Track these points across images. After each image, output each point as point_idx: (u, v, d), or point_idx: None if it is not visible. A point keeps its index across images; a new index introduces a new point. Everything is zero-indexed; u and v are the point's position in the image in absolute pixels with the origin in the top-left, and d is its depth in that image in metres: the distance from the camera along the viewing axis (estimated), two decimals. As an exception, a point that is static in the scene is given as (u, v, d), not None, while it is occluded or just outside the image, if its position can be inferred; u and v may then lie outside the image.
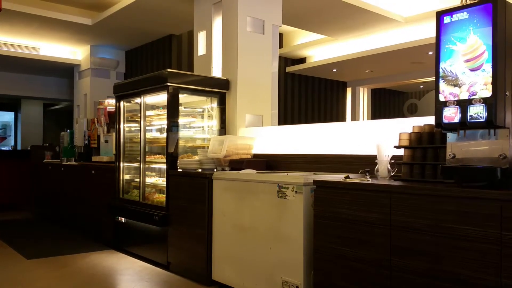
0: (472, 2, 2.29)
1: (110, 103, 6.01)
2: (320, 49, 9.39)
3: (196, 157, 4.20)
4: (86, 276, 3.98)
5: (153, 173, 4.86)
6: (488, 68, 2.01)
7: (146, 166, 4.69)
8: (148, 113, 4.74)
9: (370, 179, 2.64)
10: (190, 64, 6.29)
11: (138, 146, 4.73)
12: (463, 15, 2.11)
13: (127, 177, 5.06)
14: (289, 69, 9.86)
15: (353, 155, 3.32)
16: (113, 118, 5.54)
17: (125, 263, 4.44)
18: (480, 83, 2.04)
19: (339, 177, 2.79)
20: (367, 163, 2.95)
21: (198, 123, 4.72)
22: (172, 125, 4.20)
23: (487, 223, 1.95)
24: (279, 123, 5.51)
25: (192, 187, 3.85)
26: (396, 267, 2.30)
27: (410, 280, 2.24)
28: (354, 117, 11.21)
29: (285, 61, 9.72)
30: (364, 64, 9.27)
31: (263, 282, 3.12)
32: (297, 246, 2.85)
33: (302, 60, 9.99)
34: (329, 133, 3.67)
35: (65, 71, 9.25)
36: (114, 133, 5.32)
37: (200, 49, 5.06)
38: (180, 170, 4.12)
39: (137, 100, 4.78)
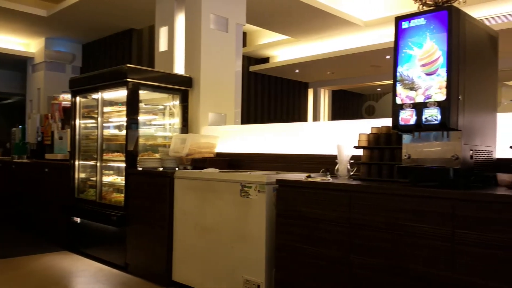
0: (429, 9, 2.39)
1: (65, 98, 5.80)
2: (283, 50, 9.47)
3: (157, 156, 4.13)
4: (39, 279, 3.82)
5: (111, 172, 4.73)
6: (443, 72, 2.10)
7: (104, 164, 4.57)
8: (106, 109, 4.60)
9: (330, 179, 2.70)
10: (151, 60, 6.17)
11: (95, 143, 4.59)
12: (421, 21, 2.19)
13: (82, 175, 4.89)
14: (252, 68, 9.89)
15: (314, 155, 3.38)
16: (68, 114, 5.35)
17: (81, 265, 4.29)
18: (435, 87, 2.13)
19: (301, 176, 2.83)
20: (328, 162, 3.01)
21: (159, 121, 4.64)
22: (132, 122, 4.11)
23: (441, 221, 2.04)
24: (242, 122, 5.51)
25: (152, 186, 3.78)
26: (355, 264, 2.36)
27: (369, 277, 2.30)
28: (316, 118, 11.41)
29: (249, 60, 9.74)
30: (326, 66, 9.45)
31: (224, 282, 3.11)
32: (259, 245, 2.87)
33: (265, 60, 10.05)
34: (291, 133, 3.71)
35: (17, 64, 8.82)
36: (69, 130, 5.14)
37: (162, 45, 4.98)
38: (140, 168, 4.03)
39: (95, 95, 4.63)
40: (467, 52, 2.15)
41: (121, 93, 4.28)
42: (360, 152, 2.78)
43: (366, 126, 2.87)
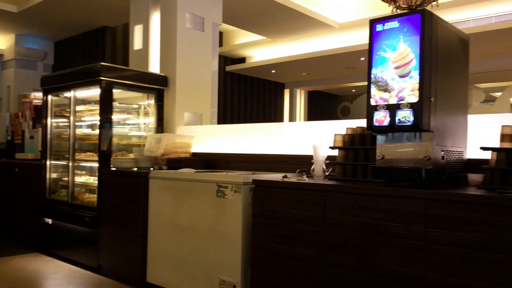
0: (402, 12, 2.44)
1: (36, 96, 5.64)
2: (259, 50, 9.50)
3: (131, 155, 4.07)
4: (9, 281, 3.70)
5: (84, 172, 4.63)
6: (415, 75, 2.15)
7: (76, 164, 4.47)
8: (79, 108, 4.51)
9: (306, 179, 2.72)
10: (125, 59, 6.06)
11: (67, 143, 4.48)
12: (394, 24, 2.23)
13: (54, 175, 4.77)
14: (229, 68, 9.87)
15: (290, 155, 3.40)
16: (39, 113, 5.20)
17: (52, 267, 4.19)
18: (408, 89, 2.17)
19: (277, 176, 2.84)
20: (304, 163, 3.03)
21: (134, 120, 4.58)
22: (105, 122, 4.04)
23: (413, 220, 2.09)
24: (219, 122, 5.49)
25: (126, 187, 3.72)
26: (331, 263, 2.38)
27: (344, 275, 2.33)
28: (292, 118, 11.48)
29: (225, 60, 9.71)
30: (301, 66, 9.53)
31: (200, 283, 3.09)
32: (235, 245, 2.86)
33: (242, 60, 10.05)
34: (268, 133, 3.72)
35: (-15, 61, 8.52)
36: (40, 129, 5.00)
37: (137, 43, 4.90)
38: (113, 168, 3.96)
39: (67, 94, 4.53)
40: (439, 55, 2.20)
41: (94, 92, 4.20)
42: (335, 152, 2.82)
43: (341, 126, 2.90)
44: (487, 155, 2.27)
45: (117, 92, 4.20)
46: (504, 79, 10.08)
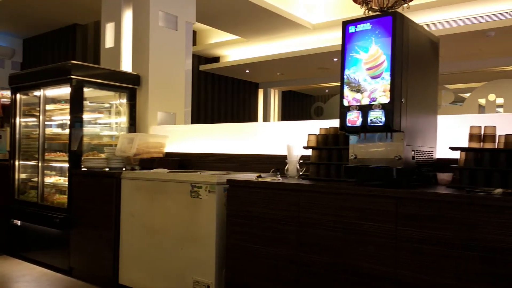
0: (374, 14, 2.48)
1: (4, 95, 5.46)
2: (233, 50, 9.48)
3: (103, 156, 3.99)
4: (-29, 288, 3.57)
5: (54, 172, 4.51)
6: (387, 76, 2.19)
7: (46, 164, 4.35)
8: (49, 107, 4.39)
9: (280, 178, 2.73)
10: (96, 57, 5.95)
11: (37, 142, 4.35)
12: (367, 26, 2.27)
13: (23, 176, 4.63)
14: (203, 67, 9.81)
15: (265, 155, 3.41)
16: (7, 112, 5.04)
17: (22, 269, 4.06)
18: (379, 90, 2.21)
19: (251, 176, 2.84)
20: (278, 162, 3.04)
21: (105, 120, 4.49)
22: (76, 121, 3.95)
23: (385, 218, 2.13)
24: (192, 122, 5.45)
25: (98, 187, 3.65)
26: (304, 262, 2.40)
27: (317, 274, 2.35)
28: (266, 118, 11.52)
29: (199, 59, 9.65)
30: (275, 67, 9.57)
31: (173, 284, 3.06)
32: (209, 246, 2.85)
33: (216, 59, 10.01)
34: (242, 133, 3.72)
35: None
36: (8, 128, 4.85)
37: (108, 41, 4.81)
38: (84, 169, 3.88)
39: (36, 93, 4.40)
40: (410, 57, 2.25)
41: (64, 91, 4.10)
42: (309, 152, 2.84)
43: (315, 126, 2.93)
44: (456, 154, 2.34)
45: (88, 91, 4.12)
46: (472, 80, 10.42)
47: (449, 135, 2.59)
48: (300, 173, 2.87)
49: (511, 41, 6.97)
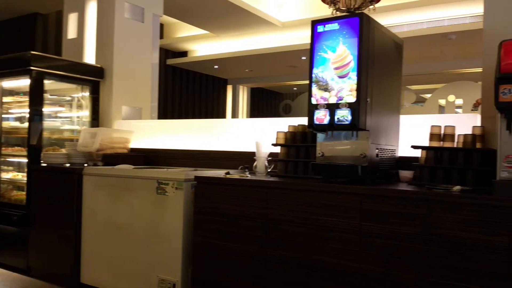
0: (342, 14, 2.52)
1: (-43, 85, 5.17)
2: (202, 45, 9.39)
3: (64, 151, 3.87)
4: None
5: (11, 168, 4.32)
6: (353, 76, 2.22)
7: (2, 159, 4.17)
8: (6, 99, 4.20)
9: (249, 175, 2.73)
10: (58, 48, 5.73)
11: (-7, 136, 4.16)
12: (335, 26, 2.29)
13: (-23, 171, 4.41)
14: (170, 61, 9.66)
15: (233, 152, 3.40)
16: (-40, 103, 4.77)
17: (-27, 270, 3.87)
18: (346, 89, 2.25)
19: (219, 173, 2.83)
20: (246, 159, 3.04)
21: (67, 113, 4.35)
22: (35, 114, 3.80)
23: (350, 215, 2.17)
24: (159, 117, 5.37)
25: (58, 184, 3.53)
26: (272, 258, 2.41)
27: (284, 270, 2.37)
28: (234, 115, 11.49)
29: (166, 53, 9.49)
30: (244, 63, 9.56)
31: (137, 282, 3.01)
32: (175, 243, 2.81)
33: (184, 53, 9.88)
34: (210, 129, 3.69)
35: None
36: (-39, 121, 4.59)
37: (71, 32, 4.65)
38: (44, 164, 3.74)
39: (-7, 84, 4.20)
40: (376, 58, 2.30)
41: (23, 82, 3.93)
42: (277, 149, 2.85)
43: (284, 124, 2.95)
44: (417, 153, 2.41)
45: (48, 83, 3.97)
46: (433, 81, 10.80)
47: (410, 134, 2.67)
48: (269, 170, 2.88)
49: (471, 44, 7.26)
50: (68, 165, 3.73)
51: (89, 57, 4.50)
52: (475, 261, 1.86)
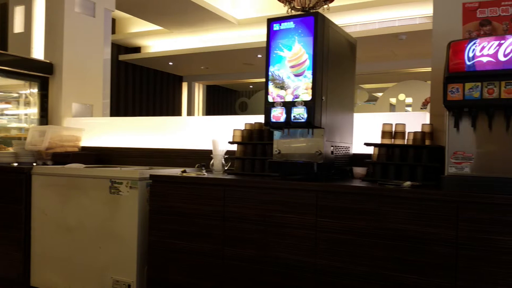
0: (297, 13, 2.55)
1: None
2: (156, 41, 9.21)
3: (11, 149, 3.69)
4: None
5: (-49, 168, 4.06)
6: (309, 74, 2.26)
7: None
8: None
9: (206, 173, 2.71)
10: (3, 42, 5.42)
11: None
12: (290, 24, 2.33)
13: None
14: (122, 57, 9.40)
15: (190, 150, 3.36)
16: None
17: None
18: (302, 88, 2.28)
19: (176, 171, 2.79)
20: (203, 157, 3.02)
21: (13, 111, 4.15)
22: (-21, 112, 3.59)
23: (306, 211, 2.21)
24: (112, 115, 5.21)
25: (5, 184, 3.35)
26: (229, 256, 2.41)
27: (241, 268, 2.38)
28: (190, 112, 11.36)
29: (118, 48, 9.23)
30: (200, 60, 9.47)
31: (91, 284, 2.91)
32: (130, 244, 2.75)
33: (137, 49, 9.64)
34: (166, 127, 3.63)
35: None
36: None
37: (17, 26, 4.44)
38: (-12, 164, 3.54)
39: None
40: (330, 57, 2.35)
41: (-37, 77, 3.70)
42: (234, 147, 2.85)
43: (240, 122, 2.95)
44: (370, 150, 2.49)
45: (-8, 79, 3.77)
46: (385, 80, 11.19)
47: (364, 132, 2.75)
48: (225, 168, 2.87)
49: (421, 45, 7.57)
50: (16, 164, 3.55)
51: (38, 52, 4.31)
52: (425, 254, 1.96)
